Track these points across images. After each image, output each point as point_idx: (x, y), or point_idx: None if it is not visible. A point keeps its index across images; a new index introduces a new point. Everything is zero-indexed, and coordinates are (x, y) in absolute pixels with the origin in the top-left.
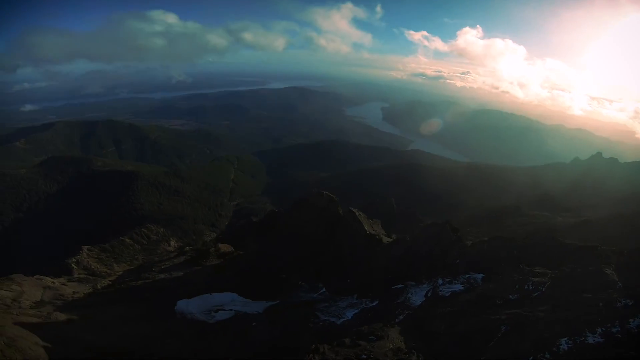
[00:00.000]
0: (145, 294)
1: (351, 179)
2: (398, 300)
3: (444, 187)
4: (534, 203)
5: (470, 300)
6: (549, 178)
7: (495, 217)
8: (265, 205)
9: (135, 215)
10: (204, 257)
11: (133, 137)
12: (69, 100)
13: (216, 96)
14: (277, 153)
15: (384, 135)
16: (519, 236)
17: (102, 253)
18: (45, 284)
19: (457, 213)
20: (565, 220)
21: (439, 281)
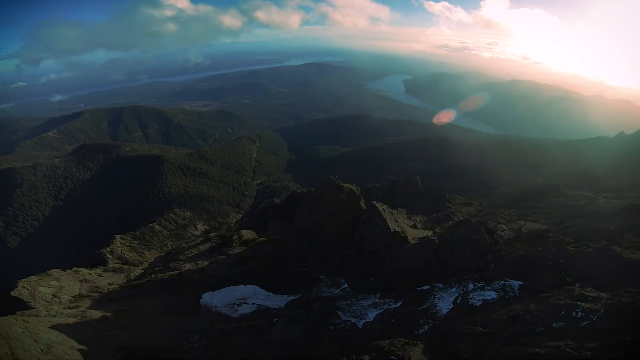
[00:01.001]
0: (172, 287)
1: (374, 154)
2: (423, 306)
3: (473, 162)
4: (574, 181)
5: (505, 322)
6: (591, 154)
7: (530, 197)
8: (288, 182)
9: (163, 199)
10: (227, 245)
11: (157, 121)
12: (94, 89)
13: (235, 76)
14: (298, 129)
15: (407, 108)
16: (556, 219)
17: (134, 241)
18: (82, 276)
19: (488, 190)
20: (609, 202)
21: (470, 286)
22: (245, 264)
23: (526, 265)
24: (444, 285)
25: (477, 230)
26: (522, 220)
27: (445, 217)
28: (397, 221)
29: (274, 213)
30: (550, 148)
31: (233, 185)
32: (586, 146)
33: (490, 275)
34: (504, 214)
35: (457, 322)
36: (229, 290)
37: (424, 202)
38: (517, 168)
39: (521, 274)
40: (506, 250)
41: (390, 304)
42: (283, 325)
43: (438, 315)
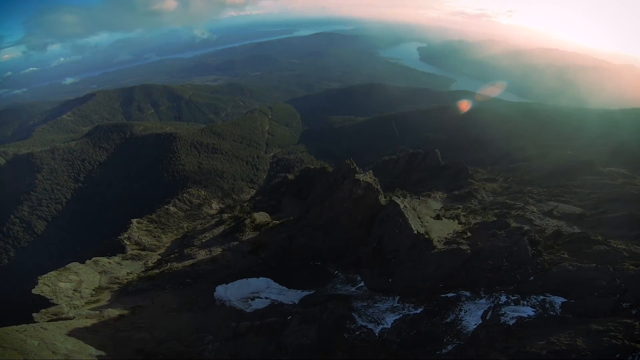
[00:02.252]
0: (186, 279)
1: (389, 124)
2: (447, 318)
3: (496, 133)
4: (607, 156)
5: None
6: (625, 126)
7: (561, 174)
8: (301, 154)
9: (177, 177)
10: (240, 230)
11: (169, 98)
12: (105, 70)
13: (244, 49)
14: (310, 100)
15: (422, 76)
16: (591, 201)
17: (150, 224)
18: (102, 267)
19: (512, 164)
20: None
21: (502, 298)
22: (258, 254)
23: (574, 281)
24: (472, 295)
25: (517, 241)
26: (553, 201)
27: (467, 194)
28: (419, 218)
29: (287, 190)
30: (581, 119)
31: (246, 160)
32: (620, 118)
33: (527, 289)
34: (532, 192)
35: (486, 347)
36: (242, 283)
37: (444, 177)
38: (544, 140)
39: (566, 291)
40: (550, 263)
41: (409, 310)
42: (296, 326)
43: (464, 332)
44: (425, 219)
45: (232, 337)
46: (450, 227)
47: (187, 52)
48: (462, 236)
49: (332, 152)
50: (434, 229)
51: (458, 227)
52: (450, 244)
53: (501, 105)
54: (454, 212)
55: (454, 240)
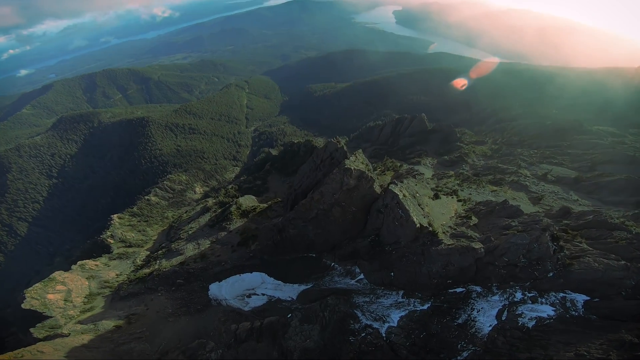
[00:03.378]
0: (177, 280)
1: (371, 89)
2: (459, 319)
3: (481, 94)
4: (593, 114)
5: None
6: (610, 85)
7: (550, 134)
8: (284, 126)
9: (156, 162)
10: (227, 218)
11: (136, 80)
12: (60, 58)
13: (212, 24)
14: (288, 70)
15: (400, 39)
16: (584, 163)
17: (133, 218)
18: (89, 272)
19: (498, 124)
20: (637, 139)
21: (517, 295)
22: (248, 246)
23: (599, 280)
24: (483, 290)
25: (538, 238)
26: (546, 164)
27: (458, 159)
28: (420, 205)
29: (272, 167)
30: (563, 78)
31: (227, 137)
32: (602, 77)
33: (546, 286)
34: (523, 155)
35: (507, 356)
36: (236, 279)
37: (433, 142)
38: (527, 99)
39: (590, 289)
40: (570, 257)
41: (416, 305)
42: (298, 326)
43: (479, 336)
44: (424, 201)
45: (233, 342)
46: (451, 208)
47: (150, 32)
48: (468, 223)
49: (314, 121)
50: (435, 214)
51: (459, 207)
52: (458, 238)
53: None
54: (448, 182)
55: (461, 233)
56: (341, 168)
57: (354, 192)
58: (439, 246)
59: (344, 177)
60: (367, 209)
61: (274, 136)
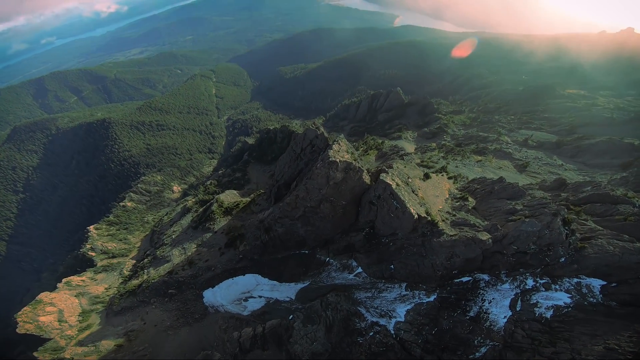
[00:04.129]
0: (169, 290)
1: (343, 66)
2: (470, 312)
3: (449, 63)
4: (562, 78)
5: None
6: (575, 50)
7: (525, 99)
8: (257, 111)
9: (126, 165)
10: (210, 218)
11: (90, 81)
12: (1, 64)
13: (167, 15)
14: (255, 55)
15: (366, 14)
16: (563, 127)
17: (111, 227)
18: (76, 289)
19: (471, 91)
20: (609, 101)
21: (529, 282)
22: (236, 247)
23: (616, 264)
24: (491, 279)
25: (550, 224)
26: (526, 129)
27: (438, 130)
28: (414, 191)
29: (250, 157)
30: (529, 44)
31: (199, 130)
32: (566, 42)
33: (559, 272)
34: (502, 121)
35: (530, 352)
36: (229, 283)
37: (411, 115)
38: (496, 66)
39: (606, 273)
40: (581, 239)
41: (421, 297)
42: (301, 327)
43: (495, 329)
44: (416, 184)
45: (239, 352)
46: (443, 188)
47: (97, 29)
48: (466, 206)
49: (288, 104)
50: (429, 197)
51: (452, 185)
52: (461, 226)
53: (449, 36)
54: (433, 156)
55: (463, 220)
56: (325, 161)
57: (342, 185)
58: (441, 237)
59: (330, 171)
60: (357, 201)
61: (249, 123)
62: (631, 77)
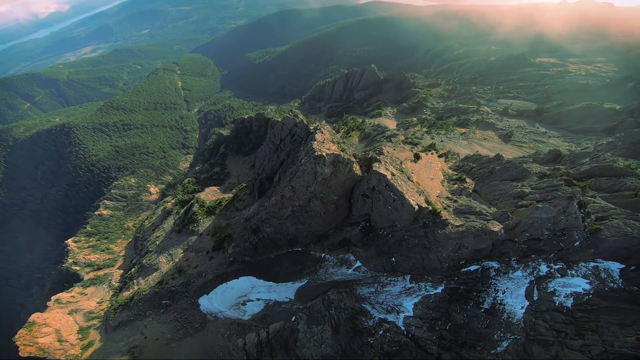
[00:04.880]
0: (163, 301)
1: (313, 47)
2: (485, 304)
3: (419, 37)
4: (529, 48)
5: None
6: (540, 19)
7: (498, 70)
8: (229, 100)
9: (96, 170)
10: (193, 220)
11: (40, 85)
12: None
13: (116, 10)
14: (220, 43)
15: None
16: (540, 94)
17: (90, 238)
18: (67, 306)
19: (444, 64)
20: (580, 68)
21: (542, 268)
22: (224, 249)
23: (634, 246)
24: (501, 266)
25: (566, 209)
26: (504, 99)
27: (417, 105)
28: (410, 179)
29: (227, 149)
30: (494, 15)
31: (169, 125)
32: (531, 12)
33: (575, 257)
34: (479, 92)
35: (557, 345)
36: (223, 289)
37: (388, 91)
38: (464, 37)
39: (624, 256)
40: (598, 222)
41: (428, 289)
42: (306, 329)
43: (514, 322)
44: (408, 167)
45: None
46: (437, 168)
47: (39, 30)
48: (467, 189)
49: (261, 90)
50: (423, 180)
51: (444, 164)
52: (466, 215)
53: (416, 9)
54: (416, 131)
55: (467, 207)
56: (311, 156)
57: (331, 180)
58: (446, 228)
59: (317, 166)
60: (350, 194)
61: (222, 114)
62: (597, 45)
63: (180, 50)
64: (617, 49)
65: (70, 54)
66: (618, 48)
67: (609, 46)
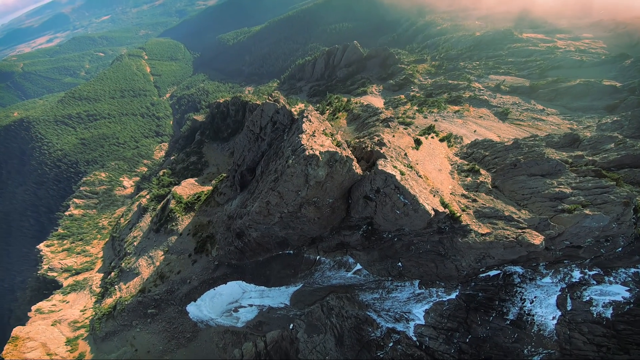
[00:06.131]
0: (148, 309)
1: (290, 25)
2: (510, 315)
3: (402, 12)
4: (513, 23)
5: None
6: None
7: (485, 45)
8: (203, 84)
9: (63, 165)
10: (171, 218)
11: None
12: None
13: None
14: (190, 25)
15: None
16: (532, 70)
17: (63, 242)
18: (49, 316)
19: (427, 39)
20: (569, 44)
21: (575, 274)
22: (207, 252)
23: None
24: (527, 271)
25: (621, 217)
26: (495, 75)
27: (404, 82)
28: (419, 175)
29: (204, 135)
30: None
31: (140, 113)
32: None
33: (616, 263)
34: (467, 68)
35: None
36: (212, 295)
37: (372, 68)
38: (446, 12)
39: None
40: None
41: (440, 295)
42: (307, 339)
43: (547, 335)
44: (410, 156)
45: None
46: (441, 155)
47: None
48: (484, 184)
49: (236, 71)
50: (430, 172)
51: (449, 151)
52: (492, 220)
53: None
54: (407, 110)
55: (492, 211)
56: (300, 156)
57: (326, 182)
58: (468, 237)
59: (308, 168)
60: (347, 195)
61: (196, 98)
62: (583, 21)
63: (147, 35)
64: (605, 25)
65: (24, 44)
66: (606, 25)
67: (595, 23)
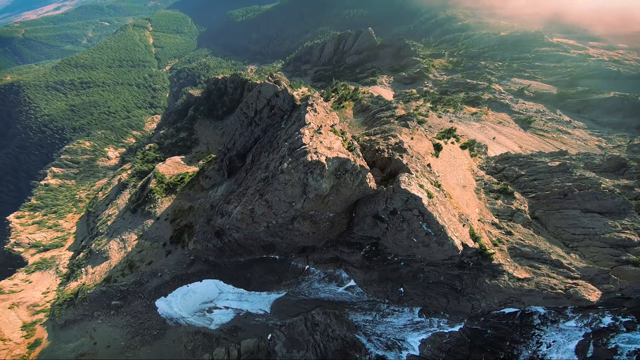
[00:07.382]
0: (112, 300)
1: (303, 6)
2: (520, 358)
3: (421, 4)
4: (543, 25)
5: None
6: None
7: (510, 46)
8: (205, 59)
9: (48, 131)
10: (150, 199)
11: None
12: None
13: None
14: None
15: None
16: (561, 77)
17: (35, 213)
18: (10, 297)
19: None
20: (602, 53)
21: (606, 320)
22: (184, 243)
23: None
24: (549, 312)
25: None
26: (518, 78)
27: (418, 75)
28: (446, 196)
29: (197, 111)
30: None
31: (136, 83)
32: None
33: None
34: (489, 68)
35: None
36: (184, 291)
37: (385, 57)
38: (469, 8)
39: None
40: None
41: (442, 326)
42: (285, 354)
43: None
44: (432, 164)
45: None
46: (464, 166)
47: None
48: (521, 214)
49: (242, 48)
50: (453, 188)
51: (472, 162)
52: (532, 261)
53: None
54: (419, 106)
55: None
56: (299, 160)
57: (330, 196)
58: (500, 279)
59: (308, 177)
60: (352, 208)
61: (196, 72)
62: (619, 30)
63: (156, 7)
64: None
65: (31, 12)
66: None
67: (632, 34)
